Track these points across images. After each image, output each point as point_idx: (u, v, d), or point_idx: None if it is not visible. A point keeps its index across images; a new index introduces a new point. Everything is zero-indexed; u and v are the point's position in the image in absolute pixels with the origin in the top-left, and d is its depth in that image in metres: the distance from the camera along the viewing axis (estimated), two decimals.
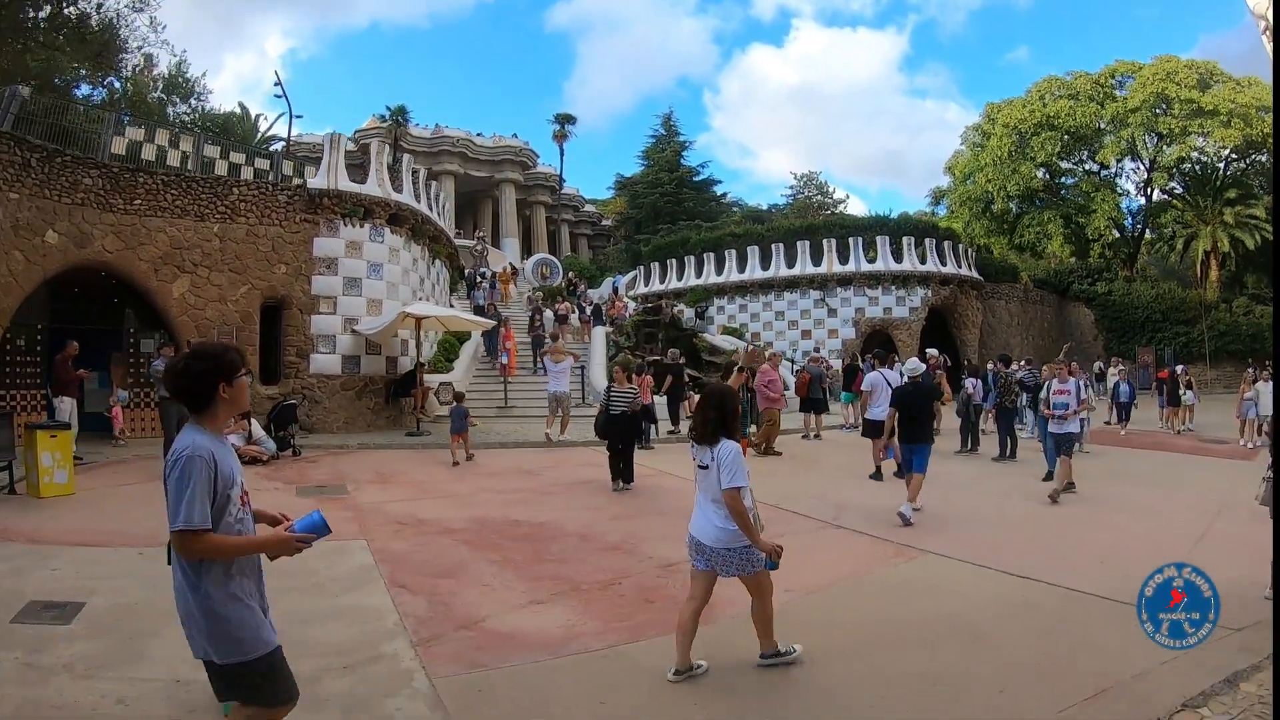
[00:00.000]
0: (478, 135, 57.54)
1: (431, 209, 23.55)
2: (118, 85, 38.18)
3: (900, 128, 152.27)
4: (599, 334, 27.47)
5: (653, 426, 17.46)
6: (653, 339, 25.50)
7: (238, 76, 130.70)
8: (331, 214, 19.44)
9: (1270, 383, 17.29)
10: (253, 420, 15.48)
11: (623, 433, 12.56)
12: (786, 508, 10.47)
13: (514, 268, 42.09)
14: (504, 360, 22.78)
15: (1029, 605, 6.72)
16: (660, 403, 18.91)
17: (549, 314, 28.33)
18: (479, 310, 27.83)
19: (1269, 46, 5.36)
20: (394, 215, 20.51)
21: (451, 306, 28.77)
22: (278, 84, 35.20)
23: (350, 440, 17.50)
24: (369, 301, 19.53)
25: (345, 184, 19.82)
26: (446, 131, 55.75)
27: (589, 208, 69.26)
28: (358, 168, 21.06)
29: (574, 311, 30.54)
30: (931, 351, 20.60)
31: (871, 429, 13.77)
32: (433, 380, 21.07)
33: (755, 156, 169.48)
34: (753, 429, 16.26)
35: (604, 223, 68.36)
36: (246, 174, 19.88)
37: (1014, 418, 16.62)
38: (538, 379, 22.85)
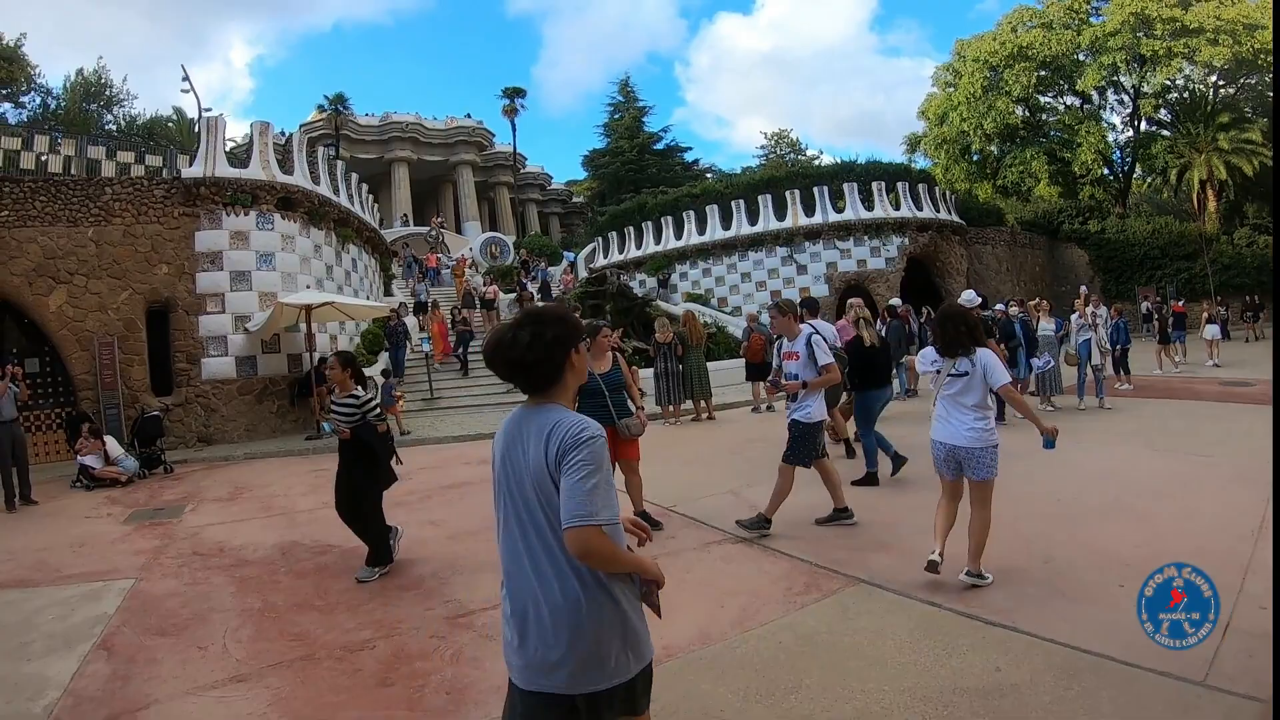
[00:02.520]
0: (430, 118, 56.05)
1: (339, 192, 21.85)
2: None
3: (876, 87, 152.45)
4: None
5: None
6: (599, 311, 23.65)
7: (206, 88, 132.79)
8: (212, 204, 17.88)
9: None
10: (108, 438, 14.18)
11: None
12: (684, 511, 8.66)
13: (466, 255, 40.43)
14: (426, 348, 21.33)
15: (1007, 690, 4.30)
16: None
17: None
18: (420, 302, 26.41)
19: None
20: (284, 199, 18.87)
21: (391, 296, 27.43)
22: (185, 79, 33.60)
23: (243, 450, 16.04)
24: (261, 296, 17.86)
25: (224, 169, 18.17)
26: (395, 117, 54.43)
27: (556, 185, 67.58)
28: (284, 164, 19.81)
29: (514, 290, 28.89)
30: (895, 302, 19.35)
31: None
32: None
33: (731, 126, 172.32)
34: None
35: (575, 200, 66.70)
36: (139, 173, 18.59)
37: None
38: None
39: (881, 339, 10.73)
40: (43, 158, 20.38)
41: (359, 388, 7.42)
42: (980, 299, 11.69)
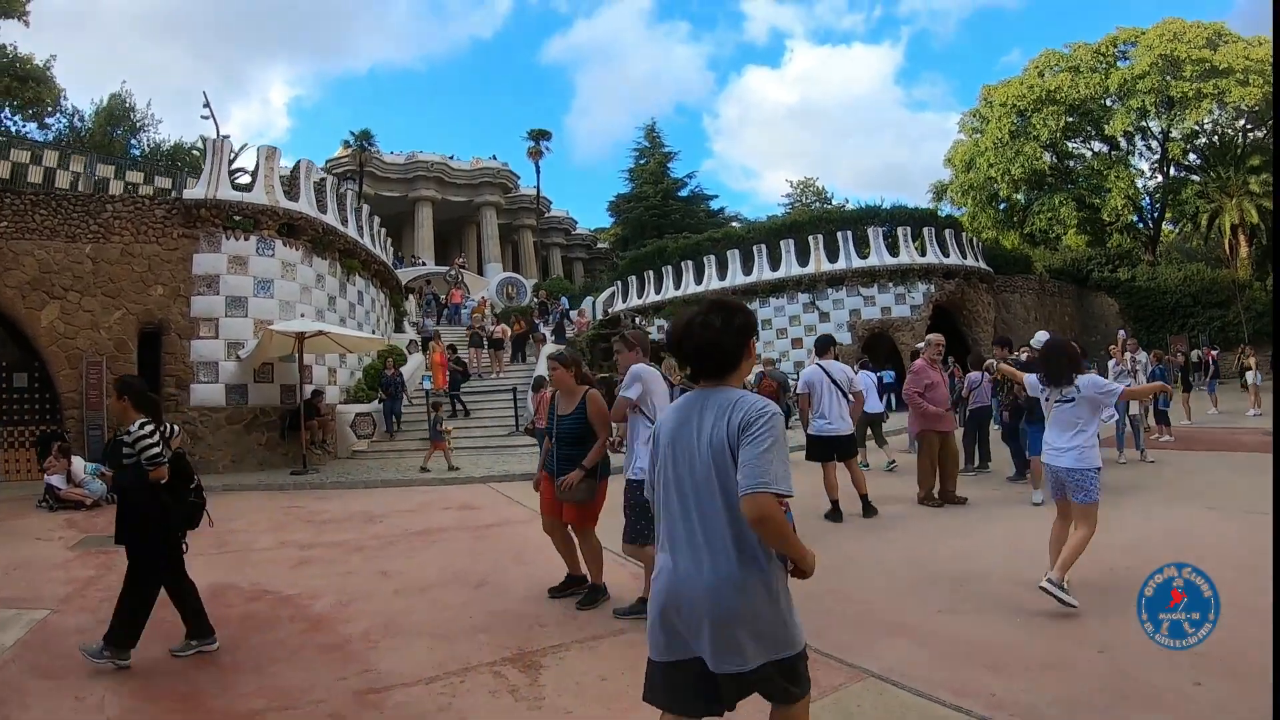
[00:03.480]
0: (455, 159, 56.03)
1: (347, 223, 21.40)
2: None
3: (901, 140, 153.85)
4: (546, 354, 24.76)
5: None
6: (610, 355, 22.92)
7: (244, 124, 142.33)
8: (212, 226, 17.54)
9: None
10: (75, 459, 13.67)
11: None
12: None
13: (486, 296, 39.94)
14: (426, 385, 20.68)
15: None
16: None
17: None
18: (426, 338, 25.75)
19: None
20: (288, 226, 18.47)
21: (403, 333, 26.83)
22: (206, 105, 33.62)
23: (224, 481, 15.33)
24: (257, 323, 17.36)
25: (227, 192, 17.85)
26: (421, 156, 54.50)
27: (581, 230, 67.35)
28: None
29: (526, 329, 28.18)
30: (920, 346, 18.33)
31: (819, 448, 10.13)
32: (348, 411, 19.13)
33: (759, 178, 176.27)
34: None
35: (600, 246, 66.34)
36: (147, 194, 18.28)
37: (1019, 422, 13.63)
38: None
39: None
40: (51, 172, 20.14)
41: (143, 420, 5.70)
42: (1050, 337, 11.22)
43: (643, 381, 6.06)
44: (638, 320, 29.16)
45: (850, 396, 10.20)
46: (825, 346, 10.59)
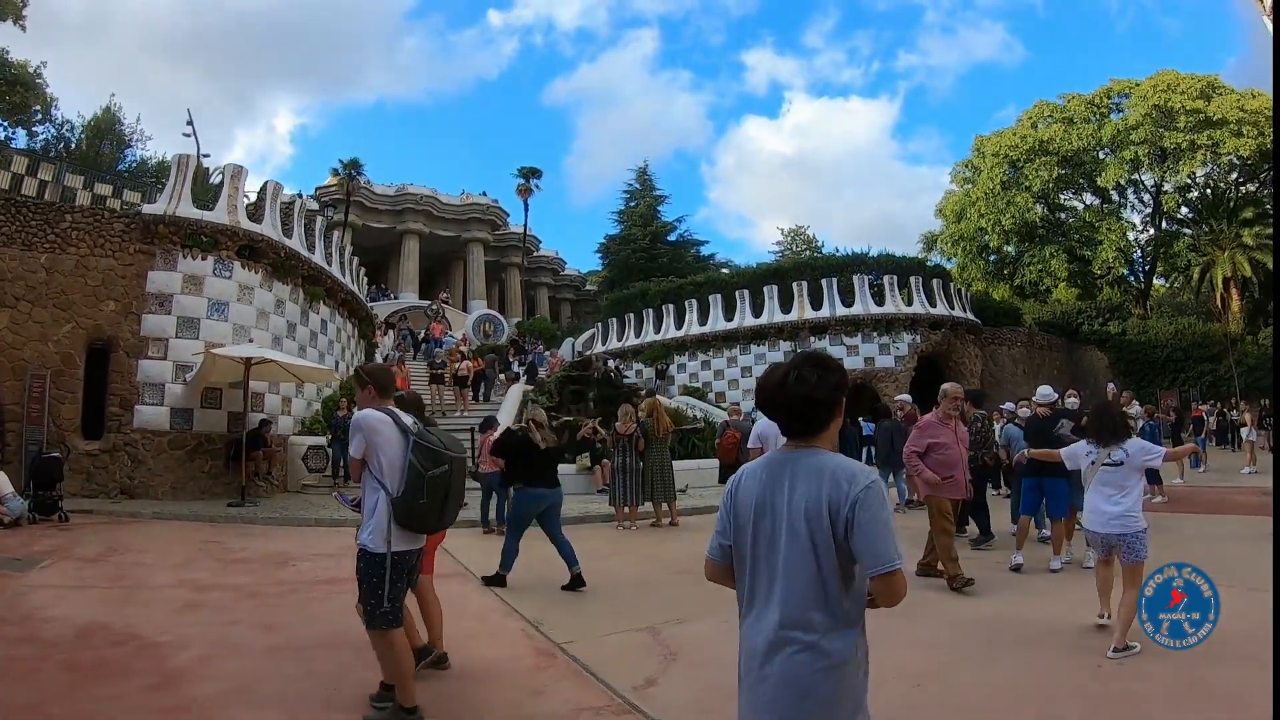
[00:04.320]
0: (445, 193, 55.95)
1: (314, 249, 21.02)
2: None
3: (896, 193, 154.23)
4: (514, 393, 24.18)
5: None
6: (581, 398, 22.18)
7: (248, 149, 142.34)
8: (170, 244, 17.05)
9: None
10: None
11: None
12: (575, 654, 6.40)
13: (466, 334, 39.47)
14: None
15: None
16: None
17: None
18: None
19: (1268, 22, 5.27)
20: (248, 248, 17.99)
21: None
22: (189, 123, 33.35)
23: (155, 509, 14.84)
24: (207, 346, 16.59)
25: (187, 210, 17.39)
26: (410, 189, 54.46)
27: (570, 271, 67.18)
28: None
29: (498, 370, 27.68)
30: (904, 398, 17.85)
31: None
32: (300, 443, 18.61)
33: (754, 226, 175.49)
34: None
35: (589, 288, 66.12)
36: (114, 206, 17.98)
37: (989, 480, 12.89)
38: None
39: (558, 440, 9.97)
40: (19, 179, 19.75)
41: None
42: (1054, 394, 10.74)
43: (363, 433, 4.98)
44: (611, 363, 28.63)
45: None
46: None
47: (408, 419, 5.03)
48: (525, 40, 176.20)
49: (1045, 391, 10.64)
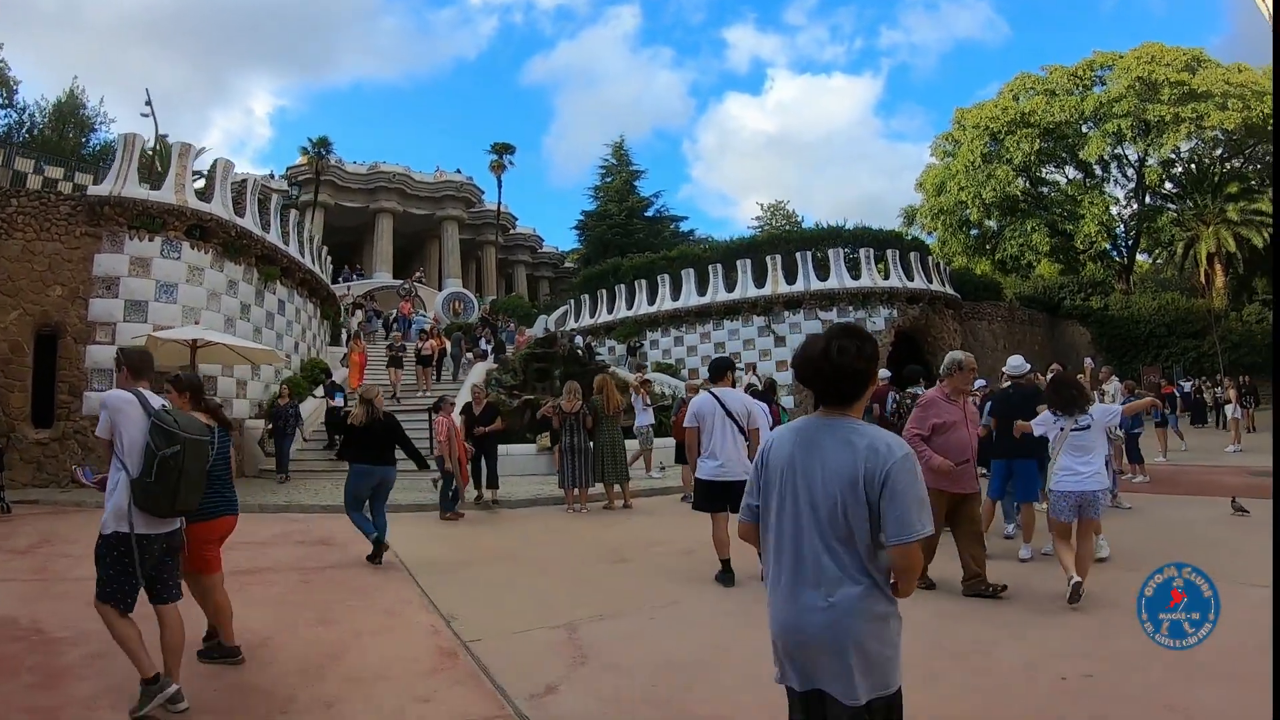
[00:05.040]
0: (418, 171, 55.71)
1: (270, 228, 20.98)
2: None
3: (879, 171, 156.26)
4: (477, 372, 24.22)
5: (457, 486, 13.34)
6: (546, 376, 21.99)
7: (226, 132, 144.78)
8: (116, 225, 16.92)
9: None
10: None
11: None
12: (480, 653, 5.99)
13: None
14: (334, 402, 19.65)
15: None
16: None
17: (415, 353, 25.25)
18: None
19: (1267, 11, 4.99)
20: (197, 228, 17.88)
21: (337, 347, 26.25)
22: (148, 103, 32.90)
23: (100, 498, 14.50)
24: (156, 329, 16.43)
25: (134, 190, 17.28)
26: (383, 167, 54.17)
27: (548, 248, 67.15)
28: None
29: (464, 348, 27.60)
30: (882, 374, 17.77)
31: (709, 495, 8.17)
32: (258, 427, 18.66)
33: (736, 205, 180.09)
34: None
35: (567, 265, 66.06)
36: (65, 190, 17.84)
37: None
38: None
39: (376, 417, 9.68)
40: None
41: None
42: (1028, 367, 10.32)
43: (108, 411, 4.88)
44: (579, 339, 28.45)
45: (746, 433, 8.28)
46: (722, 370, 8.82)
47: (157, 401, 4.97)
48: (505, 19, 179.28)
49: (1016, 363, 10.27)
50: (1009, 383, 10.44)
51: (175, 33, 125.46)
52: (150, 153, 24.89)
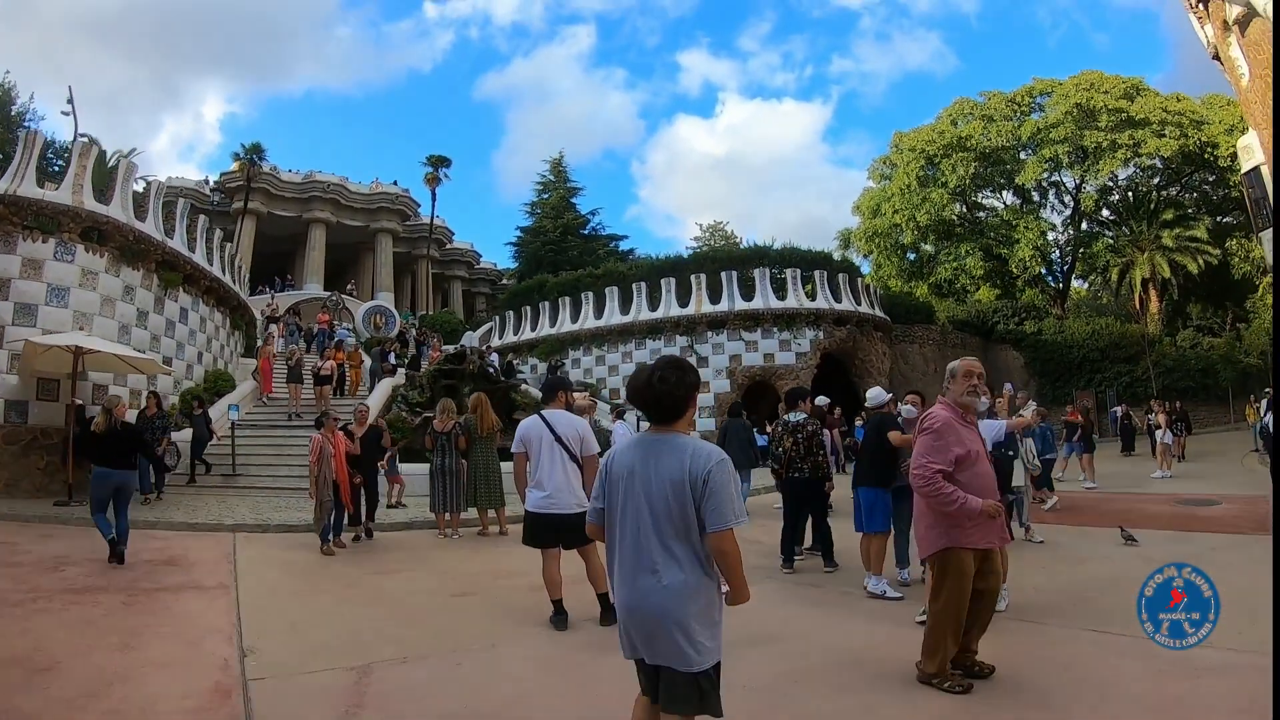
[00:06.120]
0: (354, 181, 55.84)
1: (173, 234, 21.30)
2: None
3: (825, 195, 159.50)
4: (382, 388, 24.65)
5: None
6: (454, 392, 22.01)
7: (175, 137, 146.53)
8: (9, 225, 16.93)
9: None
10: None
11: None
12: (257, 695, 5.80)
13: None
14: (234, 416, 19.75)
15: None
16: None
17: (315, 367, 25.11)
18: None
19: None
20: (94, 230, 18.14)
21: (249, 359, 26.41)
22: (69, 100, 33.01)
23: None
24: (46, 334, 16.76)
25: (30, 189, 17.43)
26: (318, 176, 54.27)
27: (485, 264, 67.63)
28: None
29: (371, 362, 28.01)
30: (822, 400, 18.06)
31: (538, 530, 7.68)
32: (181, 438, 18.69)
33: (682, 225, 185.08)
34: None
35: (505, 282, 66.35)
36: None
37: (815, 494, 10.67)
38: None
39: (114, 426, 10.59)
40: None
41: None
42: (886, 396, 10.14)
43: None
44: (493, 356, 28.63)
45: (579, 461, 7.68)
46: (553, 389, 8.21)
47: None
48: (460, 33, 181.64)
49: (876, 394, 9.81)
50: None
51: (126, 33, 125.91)
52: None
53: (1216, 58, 13.07)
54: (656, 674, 3.56)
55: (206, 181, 53.45)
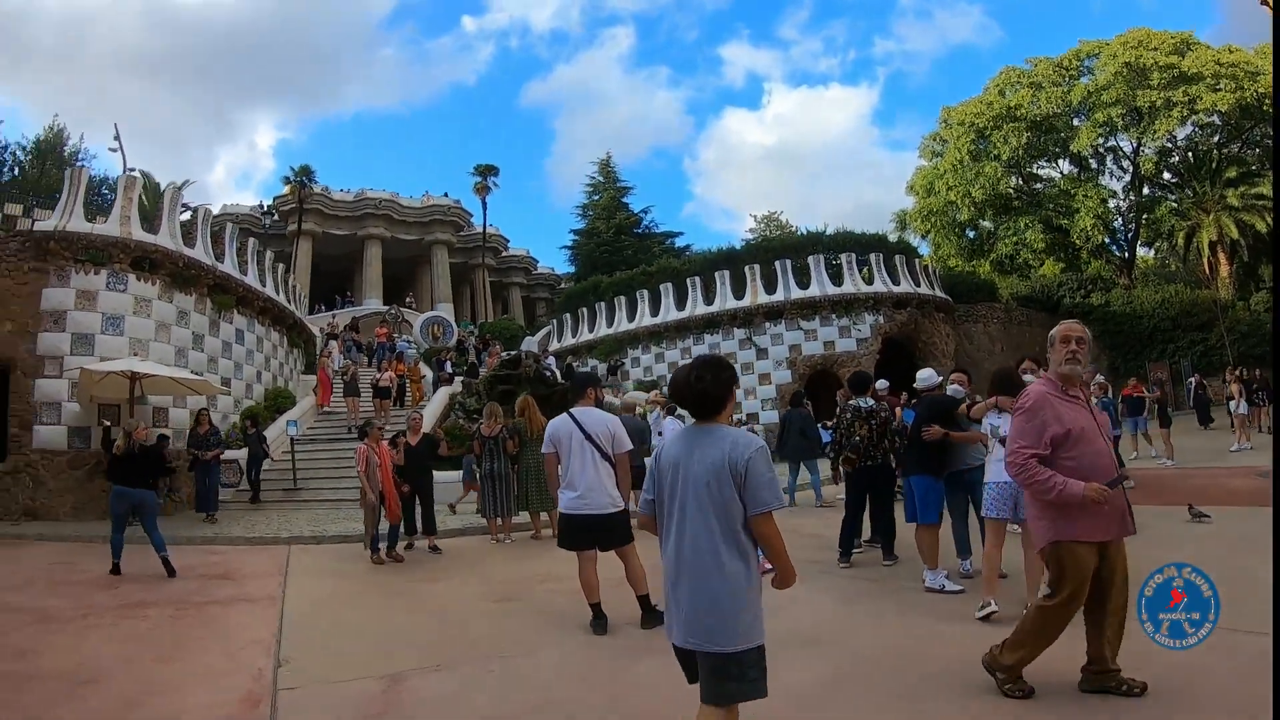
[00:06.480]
0: (405, 196, 56.73)
1: (224, 259, 21.69)
2: None
3: (878, 180, 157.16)
4: (439, 397, 24.88)
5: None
6: (511, 397, 22.07)
7: (230, 166, 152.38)
8: (62, 260, 17.60)
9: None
10: None
11: None
12: (285, 705, 5.91)
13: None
14: (292, 432, 20.19)
15: None
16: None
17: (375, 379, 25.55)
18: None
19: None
20: (144, 259, 18.62)
21: (310, 376, 26.90)
22: (116, 137, 33.89)
23: (45, 529, 15.38)
24: (104, 362, 17.23)
25: (79, 224, 18.03)
26: (370, 194, 55.27)
27: (542, 269, 68.17)
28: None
29: (430, 373, 28.22)
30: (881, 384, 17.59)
31: (572, 532, 7.57)
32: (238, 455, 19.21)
33: (739, 219, 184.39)
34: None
35: (563, 286, 66.68)
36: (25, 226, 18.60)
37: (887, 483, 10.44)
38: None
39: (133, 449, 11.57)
40: None
41: None
42: (937, 378, 9.76)
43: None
44: (550, 360, 28.88)
45: (611, 459, 7.49)
46: (582, 386, 8.08)
47: None
48: (500, 44, 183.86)
49: (926, 375, 9.59)
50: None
51: (177, 69, 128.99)
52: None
53: (1265, 2, 12.73)
54: (695, 660, 3.70)
55: (260, 206, 54.49)
